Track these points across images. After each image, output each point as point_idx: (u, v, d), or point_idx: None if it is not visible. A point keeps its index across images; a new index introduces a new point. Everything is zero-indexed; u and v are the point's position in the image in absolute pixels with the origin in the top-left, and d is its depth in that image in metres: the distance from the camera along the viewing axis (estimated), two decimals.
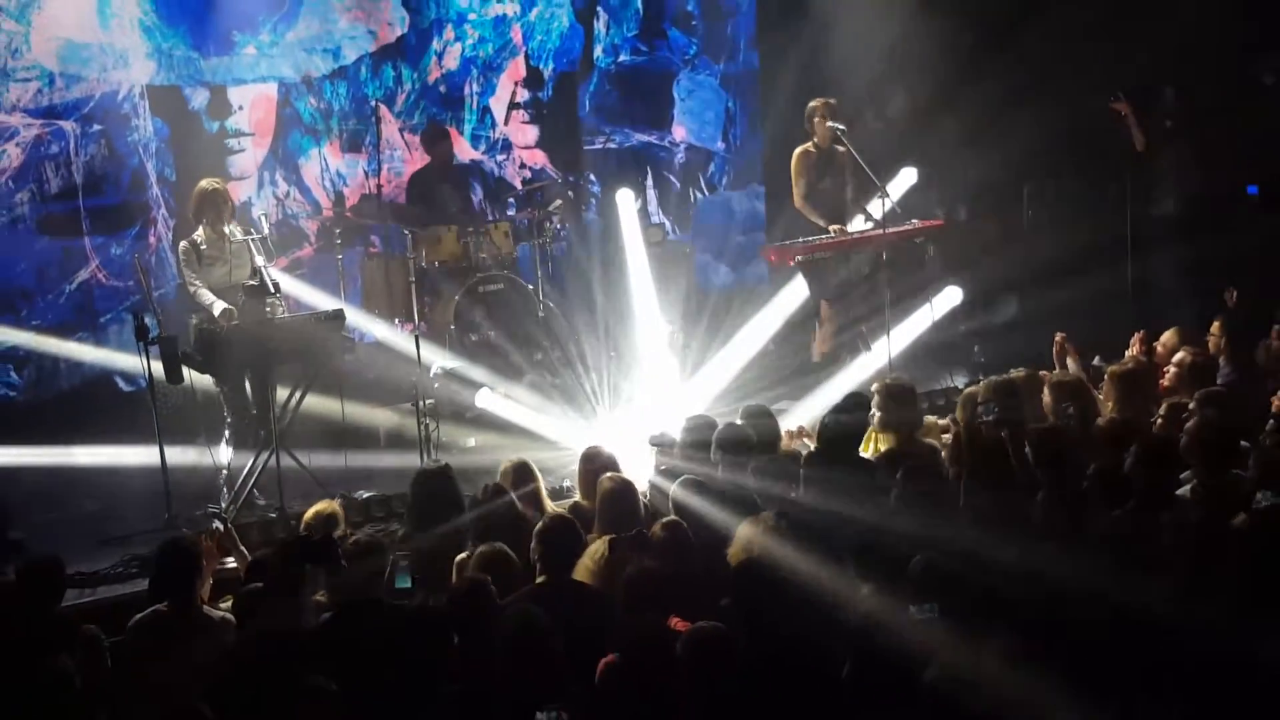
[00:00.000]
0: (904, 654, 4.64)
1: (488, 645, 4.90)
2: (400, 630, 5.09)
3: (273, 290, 8.26)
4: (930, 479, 6.51)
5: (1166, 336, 8.44)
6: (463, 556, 6.08)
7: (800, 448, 7.34)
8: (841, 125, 9.98)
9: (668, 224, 12.44)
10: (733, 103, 12.83)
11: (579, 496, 6.93)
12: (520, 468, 6.85)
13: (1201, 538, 5.24)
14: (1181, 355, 7.85)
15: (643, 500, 6.48)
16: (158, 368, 8.05)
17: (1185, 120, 10.74)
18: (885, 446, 7.21)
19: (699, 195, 12.78)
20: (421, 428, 8.81)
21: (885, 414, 7.27)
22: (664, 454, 7.12)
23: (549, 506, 6.75)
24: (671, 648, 4.64)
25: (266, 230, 8.98)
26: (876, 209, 9.94)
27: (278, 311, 8.37)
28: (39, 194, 10.04)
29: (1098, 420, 7.09)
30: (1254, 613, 4.60)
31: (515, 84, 11.82)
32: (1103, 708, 4.30)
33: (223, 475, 8.42)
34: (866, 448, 7.46)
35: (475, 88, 11.66)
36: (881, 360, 9.64)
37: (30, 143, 9.98)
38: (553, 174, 11.89)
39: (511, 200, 11.58)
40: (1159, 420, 6.91)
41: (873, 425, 7.41)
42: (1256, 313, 8.82)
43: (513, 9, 11.73)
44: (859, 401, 7.46)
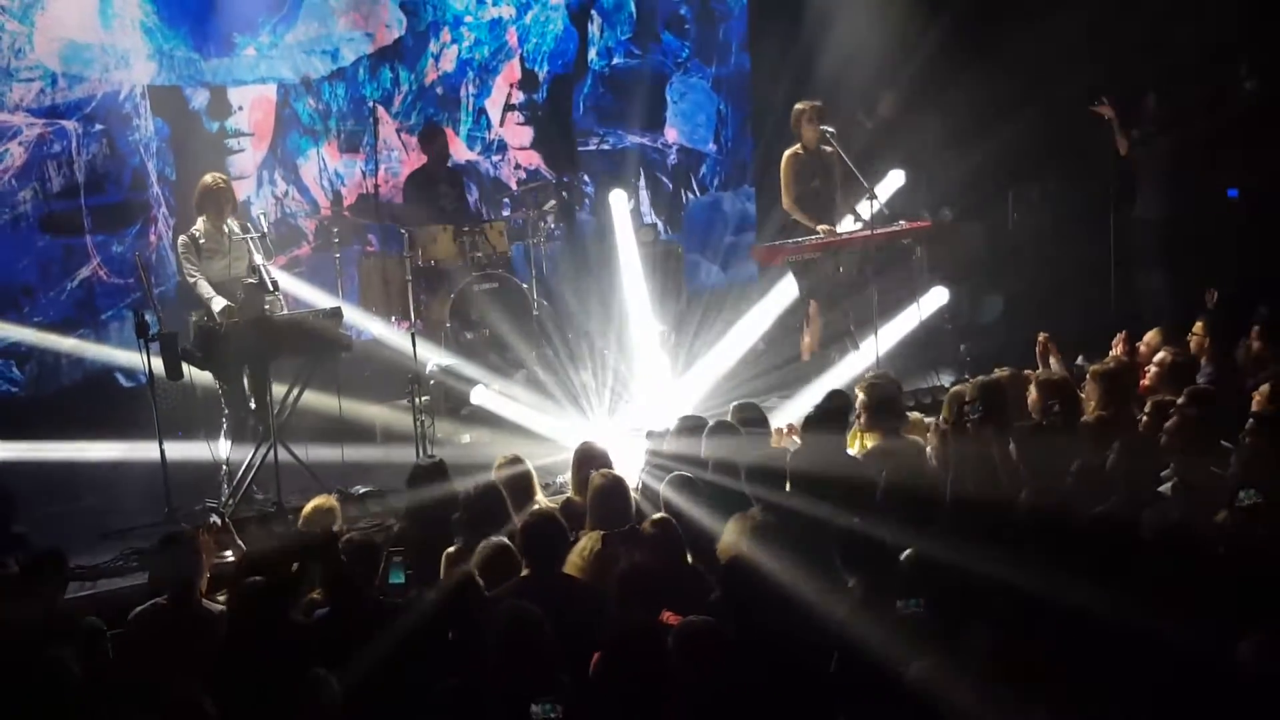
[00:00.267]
0: (889, 649, 4.65)
1: (478, 639, 4.90)
2: (394, 625, 5.09)
3: (271, 288, 8.27)
4: (915, 476, 6.53)
5: (1150, 336, 8.45)
6: (452, 550, 6.09)
7: (789, 445, 7.34)
8: (831, 128, 9.99)
9: (660, 224, 12.45)
10: (724, 105, 12.84)
11: (572, 492, 6.93)
12: (514, 463, 6.85)
13: (1183, 534, 5.25)
14: (1163, 355, 7.86)
15: (634, 496, 6.48)
16: (158, 364, 8.05)
17: (1167, 124, 10.76)
18: (871, 444, 7.22)
19: (691, 196, 12.79)
20: (417, 424, 8.83)
21: (871, 411, 7.27)
22: (655, 451, 7.12)
23: (542, 501, 6.75)
24: (662, 641, 4.64)
25: (265, 229, 8.98)
26: (865, 210, 9.96)
27: (276, 309, 8.38)
28: (41, 192, 10.02)
29: (1081, 418, 7.11)
30: (1234, 613, 4.61)
31: (510, 86, 11.82)
32: (1084, 704, 4.31)
33: (222, 470, 8.41)
34: (853, 444, 7.46)
35: (471, 89, 11.66)
36: (869, 359, 9.66)
37: (33, 142, 9.96)
38: (547, 175, 11.88)
39: (506, 200, 11.58)
40: (1144, 418, 6.91)
41: (859, 423, 7.42)
42: (1237, 313, 8.84)
43: (508, 12, 11.73)
44: (840, 398, 7.48)
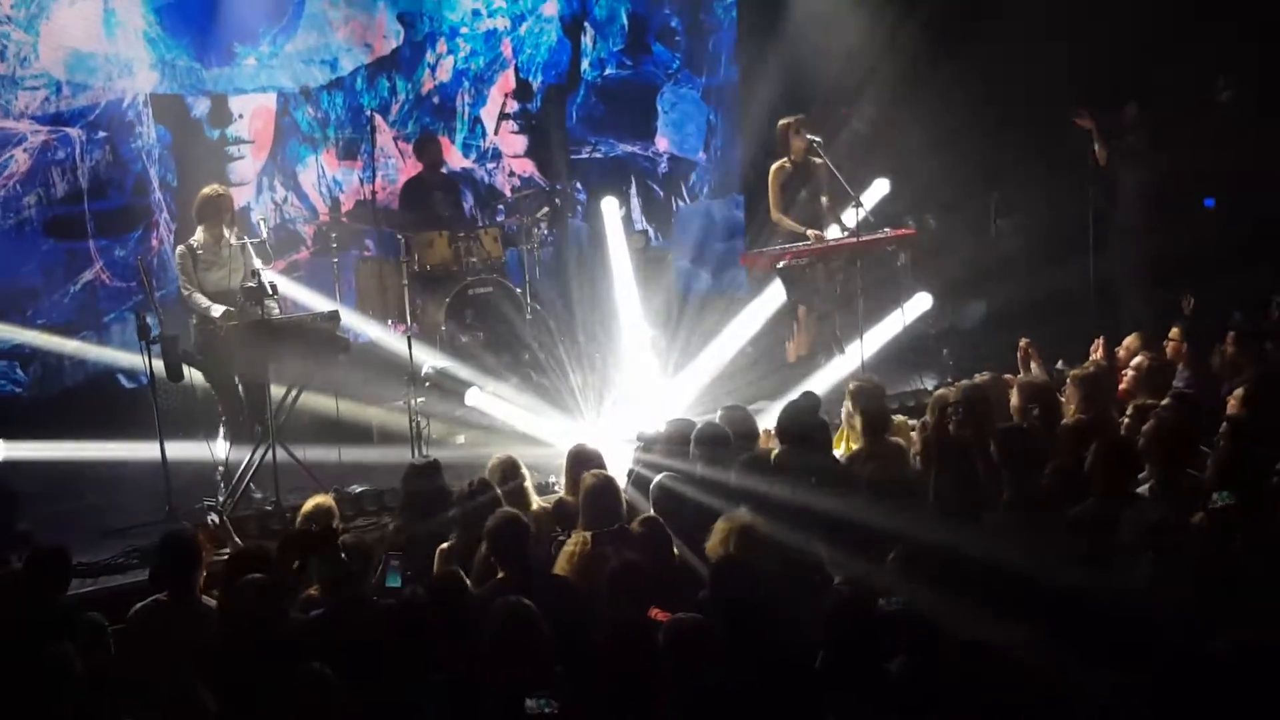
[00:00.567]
0: (874, 644, 4.66)
1: (466, 635, 4.90)
2: (389, 622, 5.08)
3: (270, 292, 8.26)
4: (898, 477, 6.54)
5: (1128, 340, 8.48)
6: (445, 546, 6.08)
7: (776, 446, 7.35)
8: (818, 138, 10.00)
9: (651, 231, 12.45)
10: (714, 115, 12.84)
11: (565, 493, 6.92)
12: (507, 464, 6.83)
13: (1159, 535, 5.27)
14: (1139, 359, 7.88)
15: (624, 496, 6.48)
16: (159, 366, 8.04)
17: (1146, 135, 10.79)
18: (856, 445, 7.23)
19: (681, 203, 12.79)
20: (413, 425, 8.82)
21: (856, 414, 7.28)
22: (645, 452, 7.12)
23: (534, 501, 6.75)
24: (653, 638, 4.65)
25: (265, 234, 8.97)
26: (851, 218, 9.97)
27: (275, 312, 8.37)
28: (46, 198, 10.02)
29: (1061, 421, 7.12)
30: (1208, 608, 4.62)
31: (505, 96, 11.81)
32: (1064, 697, 4.32)
33: (220, 470, 8.40)
34: (838, 446, 7.48)
35: (467, 99, 11.66)
36: (854, 362, 9.65)
37: (38, 148, 9.96)
38: (541, 182, 11.87)
39: (501, 207, 11.56)
40: (1125, 421, 6.92)
41: (844, 425, 7.43)
42: (1212, 319, 8.85)
43: (503, 24, 11.73)
44: (810, 399, 7.49)
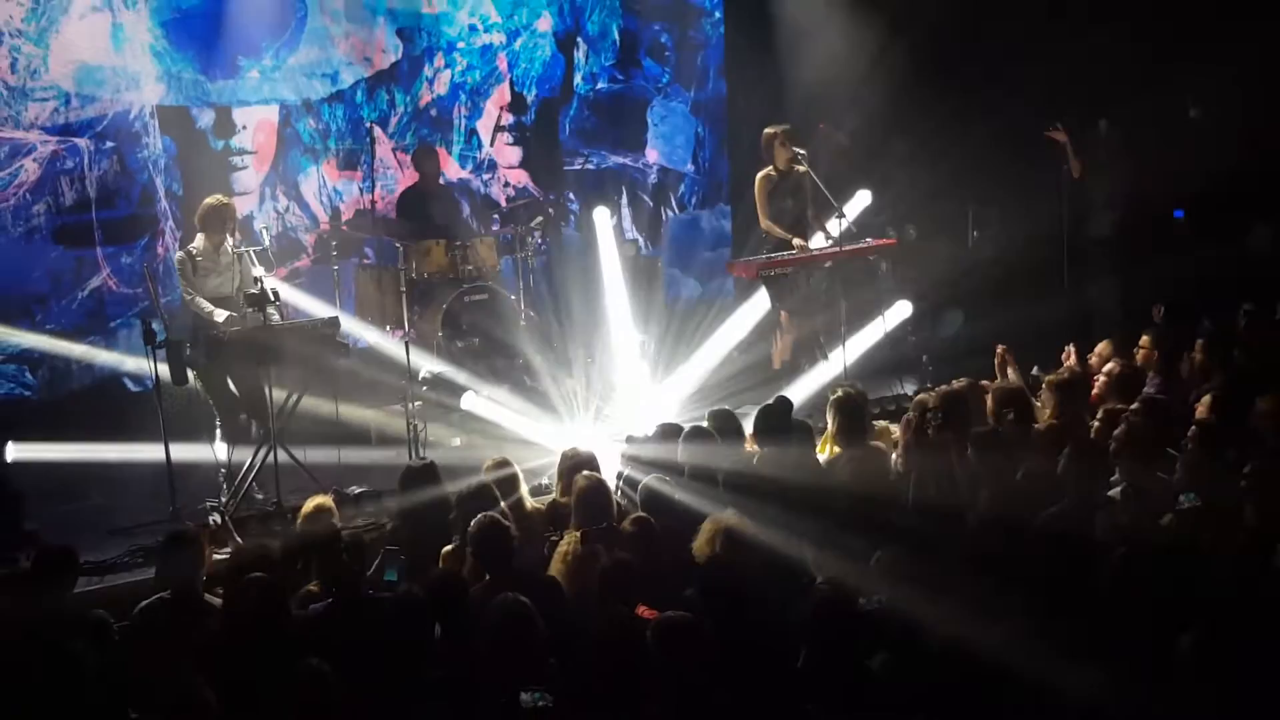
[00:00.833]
0: (855, 642, 4.67)
1: (464, 631, 4.90)
2: (387, 618, 5.08)
3: (272, 298, 8.25)
4: (877, 479, 6.55)
5: (1101, 347, 8.49)
6: (448, 549, 6.08)
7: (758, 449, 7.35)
8: (802, 150, 10.02)
9: (641, 240, 12.45)
10: (702, 128, 12.85)
11: (557, 494, 6.92)
12: (502, 465, 6.84)
13: (1130, 535, 5.28)
14: (1111, 366, 7.89)
15: (615, 498, 6.49)
16: (164, 370, 8.03)
17: (1118, 149, 10.82)
18: (839, 450, 7.23)
19: (670, 213, 12.80)
20: (410, 427, 8.82)
21: (839, 419, 7.28)
22: (634, 455, 7.12)
23: (528, 503, 6.75)
24: (641, 635, 4.65)
25: (267, 242, 8.96)
26: (834, 228, 9.98)
27: (276, 318, 8.36)
28: (55, 206, 9.99)
29: (1035, 425, 7.13)
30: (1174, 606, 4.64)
31: (500, 108, 11.81)
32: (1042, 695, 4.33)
33: (221, 471, 8.39)
34: (822, 450, 7.47)
35: (463, 111, 11.66)
36: (837, 368, 9.65)
37: (47, 158, 9.93)
38: (535, 192, 11.88)
39: (496, 216, 11.55)
40: (1096, 425, 6.93)
41: (827, 430, 7.43)
42: (1182, 327, 8.88)
43: (499, 39, 11.73)
44: (782, 402, 7.52)
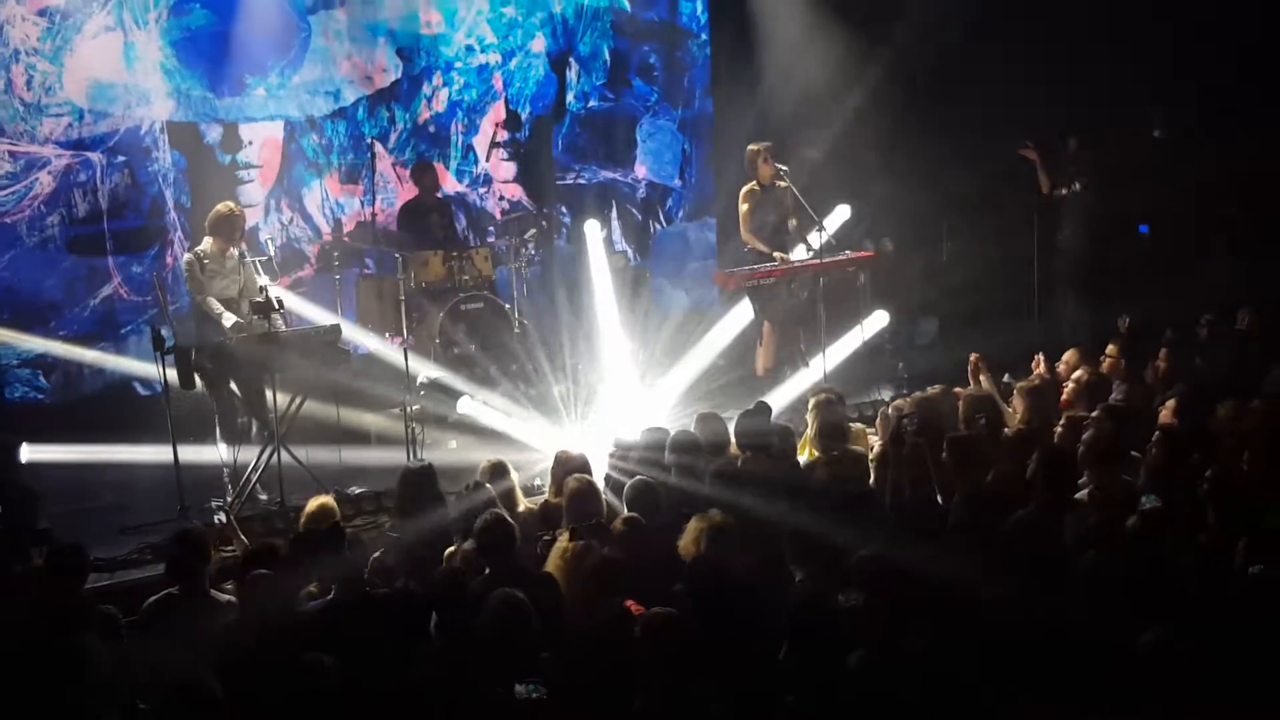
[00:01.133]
0: (833, 638, 4.68)
1: (463, 624, 4.90)
2: (386, 612, 5.09)
3: (277, 306, 8.24)
4: (853, 481, 6.56)
5: (1067, 356, 8.50)
6: (451, 550, 6.07)
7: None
8: (785, 166, 10.04)
9: (630, 251, 12.46)
10: (689, 144, 12.87)
11: (549, 494, 6.92)
12: (497, 467, 6.82)
13: (1096, 536, 5.30)
14: (1079, 373, 7.91)
15: (604, 498, 6.48)
16: (172, 375, 8.02)
17: (1086, 166, 10.86)
18: (818, 453, 7.24)
19: (658, 226, 12.81)
20: (408, 430, 8.80)
21: (818, 423, 7.29)
22: (623, 456, 7.13)
23: (522, 503, 6.75)
24: (631, 629, 4.66)
25: (272, 252, 8.95)
26: (814, 241, 10.01)
27: (280, 325, 8.36)
28: (68, 217, 9.99)
29: (1005, 430, 7.15)
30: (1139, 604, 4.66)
31: (496, 125, 11.81)
32: (1010, 686, 4.34)
33: (226, 472, 8.37)
34: (802, 452, 7.49)
35: (460, 128, 11.66)
36: (817, 374, 9.67)
37: (61, 171, 9.93)
38: (528, 206, 11.88)
39: (491, 229, 11.56)
40: (1059, 431, 6.96)
41: (807, 433, 7.45)
42: (1146, 337, 8.91)
43: (495, 59, 11.74)
44: (761, 408, 7.53)
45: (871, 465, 6.96)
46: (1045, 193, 10.83)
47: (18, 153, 9.77)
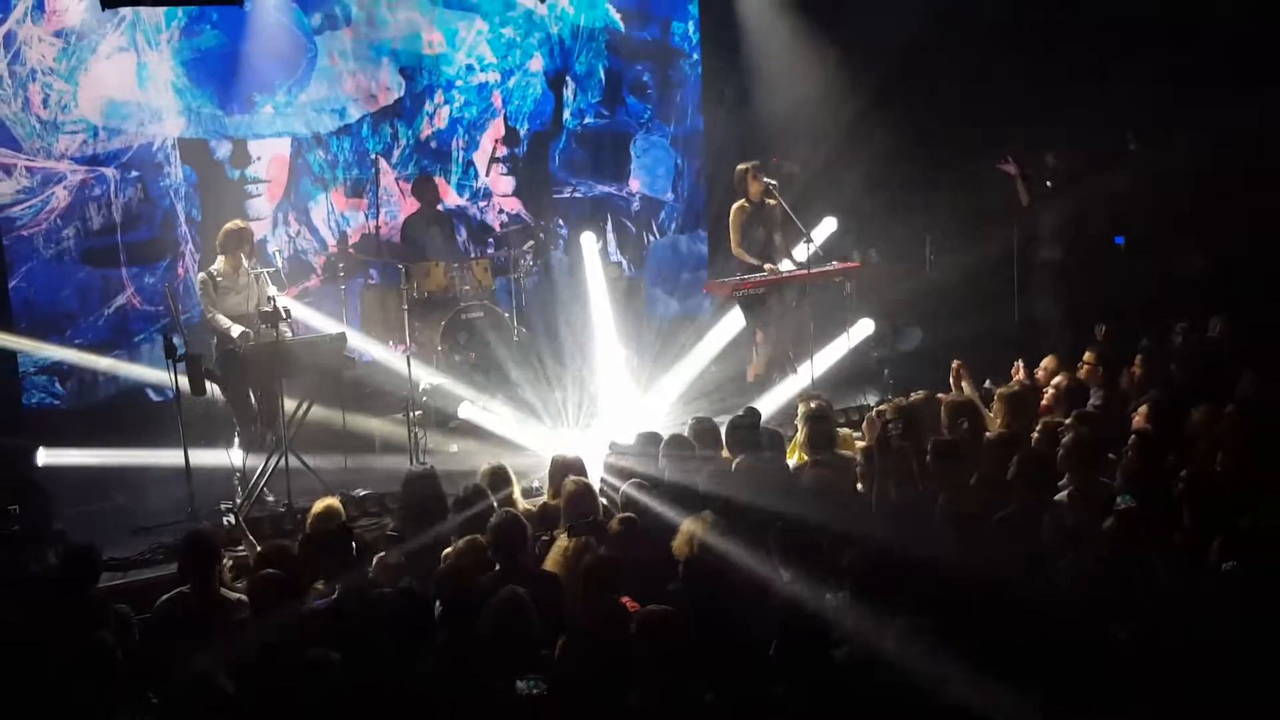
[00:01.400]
0: (822, 633, 4.67)
1: (469, 621, 4.89)
2: (390, 610, 5.06)
3: (284, 316, 8.25)
4: (840, 484, 6.55)
5: (1046, 362, 8.50)
6: (448, 551, 6.05)
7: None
8: (774, 181, 10.05)
9: (624, 262, 12.45)
10: (681, 160, 12.86)
11: (547, 496, 6.91)
12: (497, 470, 6.81)
13: (1074, 536, 5.30)
14: (1059, 380, 7.90)
15: (600, 499, 6.47)
16: (183, 381, 8.00)
17: (1064, 180, 10.86)
18: (806, 457, 7.23)
19: (651, 238, 12.80)
20: (411, 435, 8.80)
21: (808, 430, 7.28)
22: (618, 460, 7.11)
23: (520, 504, 6.73)
24: (627, 626, 4.65)
25: (280, 264, 8.94)
26: (802, 252, 10.01)
27: (288, 334, 8.35)
28: (83, 230, 9.97)
29: (987, 434, 7.14)
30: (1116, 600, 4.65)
31: (495, 142, 11.80)
32: (989, 681, 4.33)
33: (236, 475, 8.36)
34: (791, 456, 7.47)
35: (461, 144, 11.64)
36: (805, 381, 9.68)
37: (76, 186, 9.92)
38: (526, 219, 11.86)
39: (491, 240, 11.55)
40: (1035, 436, 6.94)
41: (796, 438, 7.43)
42: (1122, 345, 8.91)
43: (494, 77, 11.73)
44: (750, 414, 7.53)
45: (858, 468, 6.94)
46: (1024, 205, 10.83)
47: (35, 168, 9.76)
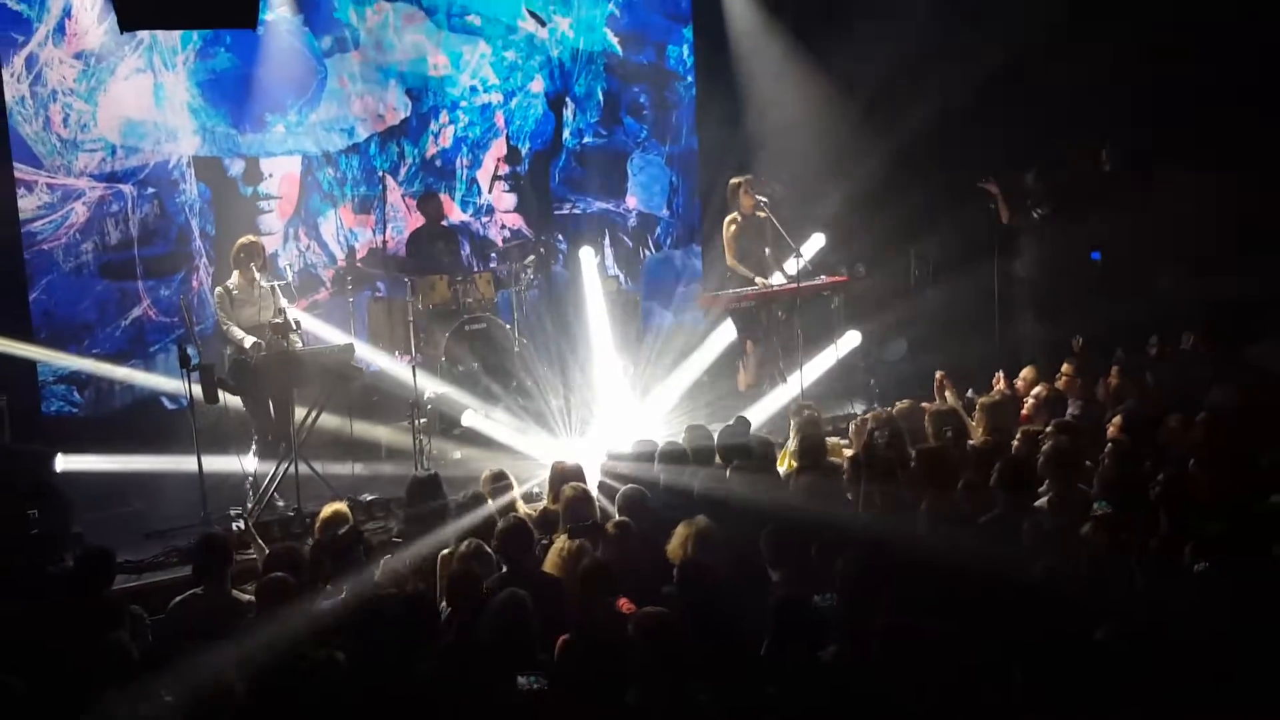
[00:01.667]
0: (811, 633, 4.67)
1: (474, 620, 4.88)
2: (395, 611, 5.06)
3: (294, 327, 8.26)
4: (833, 490, 6.55)
5: (1025, 373, 8.51)
6: (446, 552, 6.05)
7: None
8: (765, 198, 10.06)
9: (621, 276, 12.46)
10: (676, 177, 12.87)
11: (547, 502, 6.90)
12: (498, 476, 6.82)
13: (1054, 541, 5.30)
14: (1038, 390, 7.92)
15: (598, 505, 6.47)
16: (197, 390, 7.99)
17: (1042, 198, 10.87)
18: (796, 464, 7.23)
19: (647, 253, 12.81)
20: (416, 442, 8.79)
21: (800, 439, 7.28)
22: (615, 467, 7.11)
23: (521, 509, 6.73)
24: (623, 626, 4.65)
25: (290, 277, 8.94)
26: (792, 266, 10.02)
27: (298, 345, 8.35)
28: (101, 244, 9.98)
29: (969, 442, 7.14)
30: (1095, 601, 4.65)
31: (498, 160, 11.81)
32: (971, 682, 4.33)
33: (248, 480, 8.35)
34: (781, 463, 7.48)
35: (465, 162, 11.66)
36: (794, 390, 9.67)
37: (95, 202, 9.92)
38: (527, 234, 11.87)
39: (493, 255, 11.55)
40: (1015, 444, 6.95)
41: (786, 446, 7.43)
42: (1098, 356, 8.92)
43: (497, 98, 11.75)
44: (741, 423, 7.53)
45: (845, 475, 6.94)
46: (1004, 222, 10.85)
47: (55, 185, 9.77)
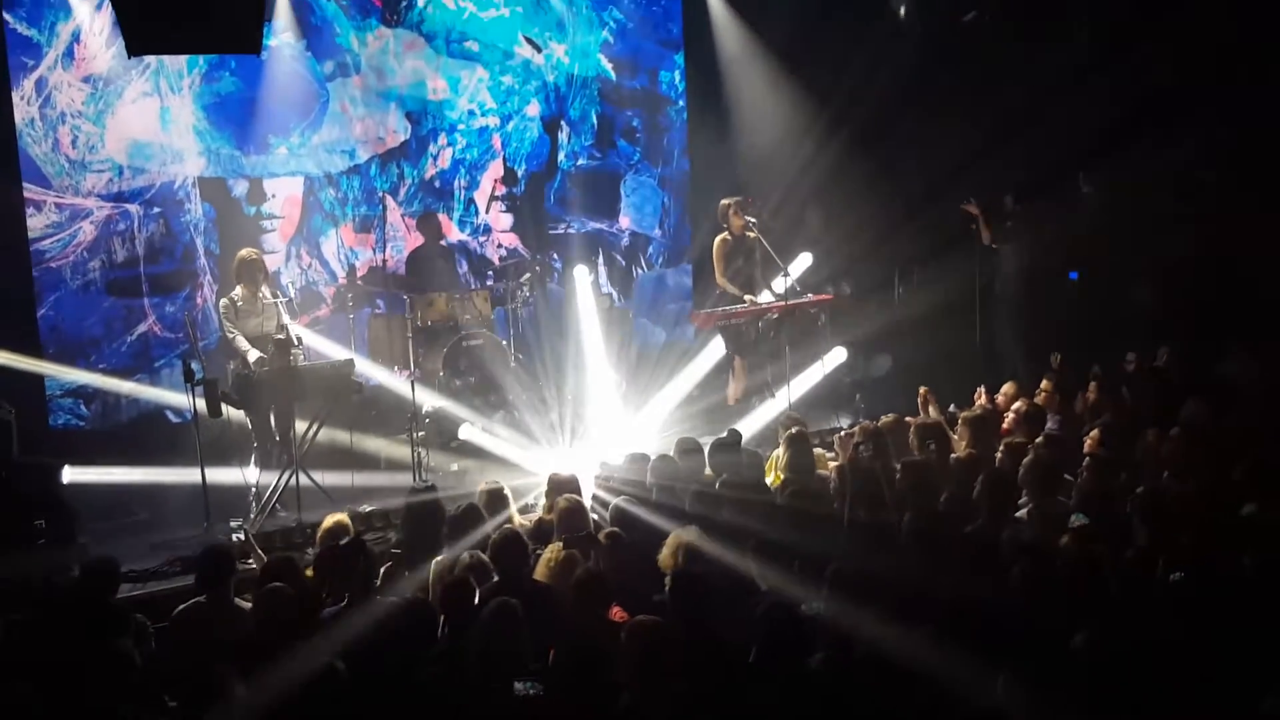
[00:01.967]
0: (797, 643, 4.65)
1: (467, 630, 4.86)
2: (395, 620, 5.04)
3: (296, 343, 8.25)
4: (820, 501, 6.54)
5: (1006, 388, 8.53)
6: (439, 559, 6.03)
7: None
8: (754, 219, 10.09)
9: (615, 294, 12.47)
10: (668, 198, 12.90)
11: (543, 513, 6.89)
12: (494, 488, 6.80)
13: (1034, 551, 5.29)
14: (1019, 405, 7.92)
15: (592, 516, 6.46)
16: (201, 404, 7.98)
17: (1021, 220, 10.91)
18: (784, 476, 7.22)
19: (640, 271, 12.83)
20: (414, 454, 8.77)
21: (789, 452, 7.27)
22: (608, 478, 7.10)
23: (516, 520, 6.71)
24: (615, 634, 4.63)
25: (292, 294, 8.93)
26: (780, 285, 10.04)
27: (299, 360, 8.33)
28: (108, 262, 9.96)
29: (952, 456, 7.14)
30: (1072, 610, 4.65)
31: (495, 181, 11.82)
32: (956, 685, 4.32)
33: (251, 492, 8.32)
34: (768, 475, 7.47)
35: (463, 183, 11.67)
36: (782, 404, 9.68)
37: (102, 221, 9.92)
38: (523, 253, 11.88)
39: (490, 273, 11.56)
40: (998, 457, 6.95)
41: (773, 456, 7.42)
42: (1076, 372, 8.94)
43: (494, 121, 11.77)
44: (733, 435, 7.53)
45: (831, 487, 6.94)
46: (986, 243, 10.88)
47: (63, 204, 9.76)
